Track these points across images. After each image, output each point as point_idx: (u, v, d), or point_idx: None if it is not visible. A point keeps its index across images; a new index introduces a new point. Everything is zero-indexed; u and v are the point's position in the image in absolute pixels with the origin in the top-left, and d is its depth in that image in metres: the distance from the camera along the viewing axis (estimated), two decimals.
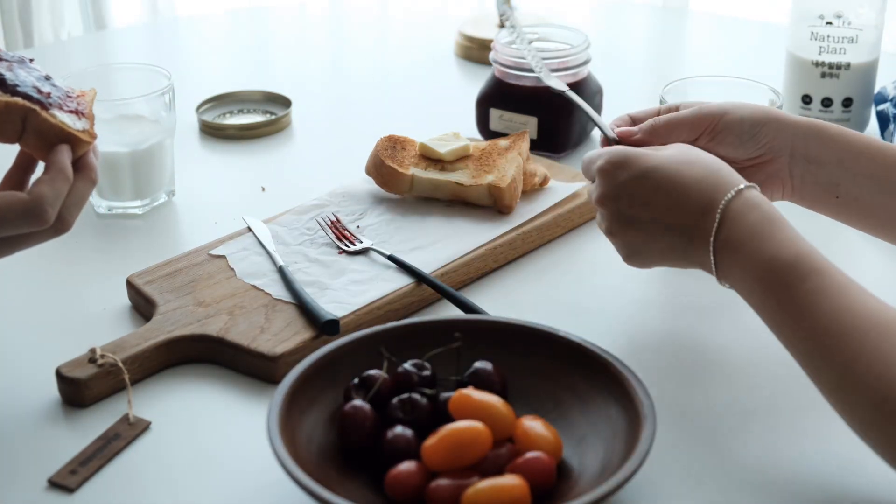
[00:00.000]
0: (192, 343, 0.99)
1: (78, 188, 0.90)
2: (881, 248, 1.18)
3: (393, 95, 1.56)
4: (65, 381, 0.93)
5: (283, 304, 1.03)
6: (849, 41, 1.34)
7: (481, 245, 1.12)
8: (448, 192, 1.18)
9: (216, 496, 0.86)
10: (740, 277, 0.89)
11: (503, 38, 1.35)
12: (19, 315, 1.07)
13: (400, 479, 0.80)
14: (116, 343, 0.97)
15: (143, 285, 1.06)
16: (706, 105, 1.02)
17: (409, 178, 1.18)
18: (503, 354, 0.90)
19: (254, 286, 1.05)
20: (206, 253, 1.11)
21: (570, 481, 0.82)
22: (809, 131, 1.00)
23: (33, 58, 0.95)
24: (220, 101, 1.47)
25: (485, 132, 1.37)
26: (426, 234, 1.14)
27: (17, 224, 0.86)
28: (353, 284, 1.05)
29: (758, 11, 2.25)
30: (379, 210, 1.18)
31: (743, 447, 0.89)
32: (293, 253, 1.11)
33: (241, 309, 1.02)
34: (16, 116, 0.88)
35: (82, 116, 0.92)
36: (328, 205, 1.19)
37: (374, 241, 1.12)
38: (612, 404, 0.86)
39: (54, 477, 0.86)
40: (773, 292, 0.86)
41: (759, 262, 0.87)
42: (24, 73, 0.92)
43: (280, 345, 0.97)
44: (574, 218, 1.20)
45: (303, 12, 1.92)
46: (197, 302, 1.03)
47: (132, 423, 0.91)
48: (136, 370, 0.96)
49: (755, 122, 1.00)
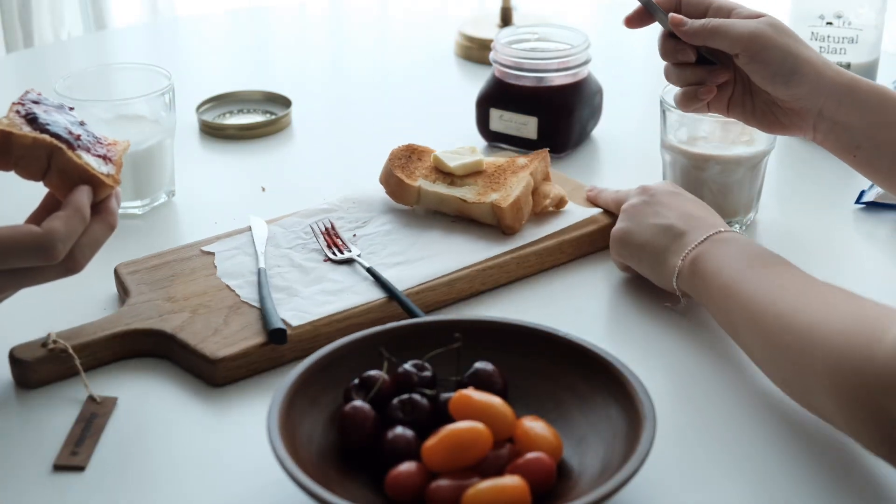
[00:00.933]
0: (145, 337, 1.00)
1: (94, 230, 0.90)
2: (881, 248, 1.18)
3: (393, 95, 1.56)
4: (14, 362, 0.96)
5: (248, 307, 1.02)
6: (849, 41, 1.34)
7: (469, 266, 1.08)
8: (453, 207, 1.15)
9: (216, 496, 0.86)
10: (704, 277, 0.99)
11: (503, 37, 1.35)
12: (14, 310, 1.06)
13: (400, 480, 0.80)
14: (74, 330, 0.99)
15: (126, 275, 1.07)
16: (756, 26, 1.01)
17: (416, 190, 1.16)
18: (503, 355, 0.90)
19: (227, 286, 1.05)
20: (198, 248, 1.11)
21: (570, 482, 0.82)
22: (843, 93, 1.01)
23: (73, 106, 0.97)
24: (220, 101, 1.47)
25: (485, 132, 1.37)
26: (418, 248, 1.11)
27: (26, 256, 0.86)
28: (323, 294, 1.04)
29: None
30: (382, 220, 1.16)
31: (743, 447, 0.89)
32: (280, 256, 1.10)
33: (206, 308, 1.02)
34: (42, 153, 0.89)
35: (109, 162, 0.93)
36: (336, 210, 1.17)
37: (365, 251, 1.10)
38: (612, 405, 0.86)
39: (59, 460, 0.88)
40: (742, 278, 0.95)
41: (726, 262, 0.97)
42: (60, 117, 0.93)
43: (225, 349, 0.97)
44: (582, 245, 1.14)
45: (303, 12, 1.92)
46: (167, 297, 1.04)
47: (99, 401, 0.94)
48: (90, 358, 0.97)
49: (794, 69, 1.00)
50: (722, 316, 0.97)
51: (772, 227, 1.19)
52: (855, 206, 1.23)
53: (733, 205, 1.17)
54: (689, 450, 0.89)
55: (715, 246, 0.99)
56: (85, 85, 1.23)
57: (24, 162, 0.89)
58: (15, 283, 0.89)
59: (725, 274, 0.96)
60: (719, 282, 0.96)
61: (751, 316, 0.92)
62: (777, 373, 0.91)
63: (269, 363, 0.98)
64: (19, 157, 0.89)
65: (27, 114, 0.91)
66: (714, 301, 0.97)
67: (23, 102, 0.93)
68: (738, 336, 0.95)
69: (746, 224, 1.19)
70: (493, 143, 1.37)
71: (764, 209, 1.21)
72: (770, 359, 0.91)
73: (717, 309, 0.97)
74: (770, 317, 0.89)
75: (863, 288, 1.10)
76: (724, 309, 0.96)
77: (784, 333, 0.87)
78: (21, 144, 0.89)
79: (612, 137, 1.40)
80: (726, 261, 0.97)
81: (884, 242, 1.18)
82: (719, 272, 0.97)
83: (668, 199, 1.07)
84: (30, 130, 0.90)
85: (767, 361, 0.92)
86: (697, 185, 1.16)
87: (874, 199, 1.22)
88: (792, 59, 1.01)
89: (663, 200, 1.07)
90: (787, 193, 1.28)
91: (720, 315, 0.97)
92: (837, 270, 1.13)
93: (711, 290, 0.97)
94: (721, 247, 0.99)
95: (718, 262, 0.98)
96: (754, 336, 0.92)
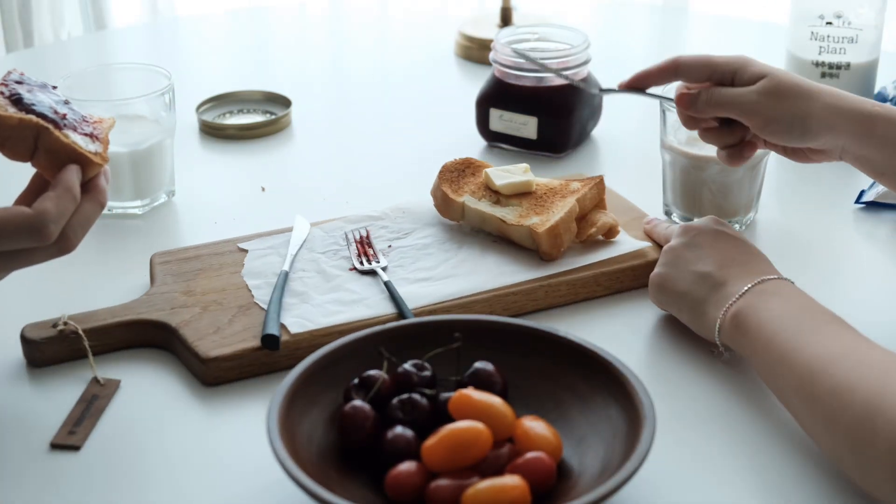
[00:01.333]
0: (153, 328, 1.00)
1: (85, 209, 0.89)
2: (881, 248, 1.18)
3: (393, 95, 1.56)
4: (24, 340, 0.98)
5: (258, 308, 1.02)
6: (849, 41, 1.34)
7: (490, 290, 1.04)
8: (494, 226, 1.11)
9: (216, 497, 0.86)
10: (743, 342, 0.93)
11: (503, 37, 1.35)
12: (15, 310, 1.07)
13: (400, 480, 0.80)
14: (88, 314, 1.00)
15: (158, 265, 1.08)
16: (757, 100, 1.01)
17: (460, 206, 1.12)
18: (503, 355, 0.90)
19: (247, 286, 1.05)
20: (235, 244, 1.11)
21: (570, 481, 0.82)
22: (860, 132, 0.99)
23: (56, 85, 0.96)
24: (220, 101, 1.47)
25: (485, 132, 1.37)
26: (450, 266, 1.08)
27: (18, 238, 0.85)
28: (334, 303, 1.02)
29: (758, 11, 2.25)
30: (424, 233, 1.13)
31: (743, 448, 0.89)
32: (310, 260, 1.09)
33: (217, 305, 1.02)
34: (28, 134, 0.89)
35: (96, 140, 0.92)
36: (383, 218, 1.15)
37: (393, 264, 1.08)
38: (612, 404, 0.86)
39: (56, 439, 0.90)
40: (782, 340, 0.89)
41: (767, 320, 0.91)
42: (44, 96, 0.92)
43: (219, 349, 0.97)
44: (623, 279, 1.08)
45: (303, 12, 1.92)
46: (185, 290, 1.04)
47: (103, 384, 0.96)
48: (98, 343, 0.99)
49: (804, 131, 1.00)
50: (769, 378, 0.90)
51: (772, 227, 1.19)
52: (855, 206, 1.23)
53: (733, 205, 1.17)
54: (689, 450, 0.89)
55: (758, 298, 0.93)
56: (85, 85, 1.23)
57: (10, 143, 0.89)
58: (7, 265, 0.89)
59: (770, 332, 0.90)
60: (764, 341, 0.90)
61: (802, 385, 0.85)
62: (832, 451, 0.84)
63: (263, 368, 0.97)
64: (6, 138, 0.88)
65: (11, 94, 0.90)
66: (760, 360, 0.91)
67: (6, 83, 0.91)
68: (789, 405, 0.88)
69: (746, 224, 1.19)
70: (493, 143, 1.37)
71: (764, 209, 1.22)
72: (823, 432, 0.84)
73: (764, 370, 0.91)
74: (825, 391, 0.83)
75: (863, 288, 1.10)
76: (771, 372, 0.90)
77: (843, 410, 0.81)
78: (7, 126, 0.88)
79: (612, 137, 1.40)
80: (770, 317, 0.91)
81: (884, 242, 1.18)
82: (763, 329, 0.91)
83: (710, 240, 1.01)
84: (15, 111, 0.89)
85: (821, 435, 0.84)
86: (697, 186, 1.16)
87: (874, 199, 1.22)
88: (799, 122, 1.00)
89: (704, 242, 1.01)
90: (787, 193, 1.28)
91: (767, 377, 0.91)
92: (837, 270, 1.13)
93: (756, 349, 0.91)
94: (764, 300, 0.93)
95: (761, 317, 0.91)
96: (807, 409, 0.85)
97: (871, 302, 1.07)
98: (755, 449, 0.89)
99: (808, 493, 0.84)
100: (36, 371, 0.98)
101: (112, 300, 1.05)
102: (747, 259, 0.98)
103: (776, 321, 0.90)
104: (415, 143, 1.40)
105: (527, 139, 1.34)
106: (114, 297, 1.05)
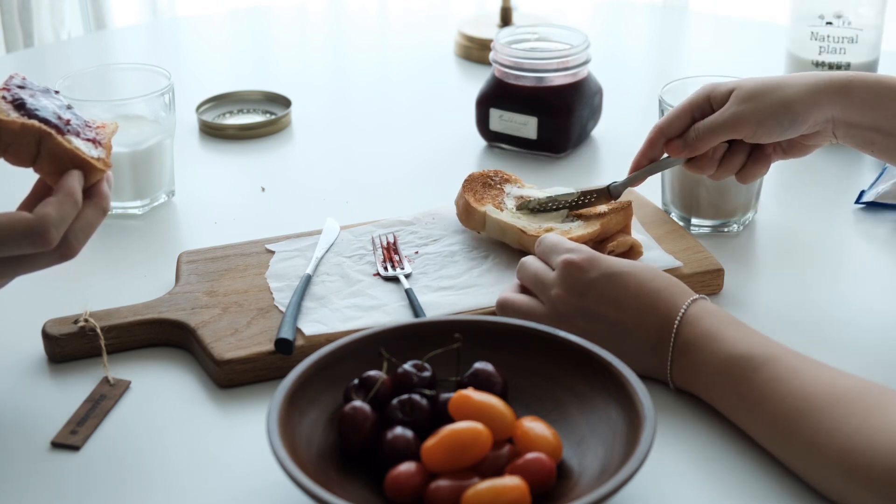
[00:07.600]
0: (172, 328, 1.00)
1: (87, 215, 0.89)
2: (881, 248, 1.18)
3: (393, 95, 1.56)
4: (45, 336, 0.99)
5: (277, 311, 1.02)
6: (849, 41, 1.34)
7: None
8: (513, 238, 1.09)
9: (216, 497, 0.86)
10: (696, 377, 0.92)
11: (503, 37, 1.35)
12: (16, 308, 1.07)
13: (400, 480, 0.80)
14: (110, 311, 1.01)
15: (184, 264, 1.08)
16: (734, 112, 1.04)
17: (481, 216, 1.11)
18: (503, 355, 0.90)
19: (269, 287, 1.05)
20: (263, 245, 1.11)
21: (569, 482, 0.82)
22: (839, 98, 1.02)
23: (59, 90, 0.96)
24: (220, 101, 1.47)
25: (485, 132, 1.37)
26: (473, 276, 1.07)
27: (20, 244, 0.85)
28: (353, 309, 1.02)
29: (758, 11, 2.25)
30: (452, 240, 1.12)
31: (743, 448, 0.89)
32: (335, 264, 1.09)
33: (238, 307, 1.02)
34: (31, 139, 0.88)
35: (99, 146, 0.92)
36: (413, 224, 1.15)
37: (417, 271, 1.08)
38: (611, 405, 0.86)
39: (57, 438, 0.90)
40: (731, 386, 0.89)
41: (715, 360, 0.90)
42: (47, 101, 0.92)
43: (234, 351, 0.97)
44: None
45: (303, 12, 1.92)
46: (208, 291, 1.04)
47: (112, 384, 0.96)
48: (117, 340, 0.99)
49: (793, 119, 1.03)
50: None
51: (771, 227, 1.19)
52: (855, 206, 1.23)
53: (732, 205, 1.17)
54: (690, 450, 0.89)
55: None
56: (85, 85, 1.23)
57: (13, 149, 0.89)
58: (9, 271, 0.89)
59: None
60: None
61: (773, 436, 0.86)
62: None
63: (277, 371, 0.97)
64: (8, 143, 0.88)
65: (14, 99, 0.90)
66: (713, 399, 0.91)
67: (8, 88, 0.91)
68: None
69: (745, 224, 1.19)
70: (493, 142, 1.37)
71: (763, 209, 1.22)
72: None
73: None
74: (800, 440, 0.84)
75: (863, 288, 1.10)
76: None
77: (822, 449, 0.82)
78: (9, 131, 0.88)
79: (612, 137, 1.40)
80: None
81: (883, 242, 1.18)
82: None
83: (605, 298, 0.95)
84: (17, 116, 0.89)
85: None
86: (696, 186, 1.16)
87: (874, 199, 1.23)
88: (784, 110, 1.03)
89: (604, 301, 0.95)
90: (787, 193, 1.28)
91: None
92: (837, 270, 1.13)
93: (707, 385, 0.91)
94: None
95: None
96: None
97: (870, 302, 1.07)
98: (755, 449, 0.88)
99: (808, 492, 0.84)
100: (55, 367, 0.98)
101: (112, 300, 1.04)
102: (648, 300, 0.94)
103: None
104: (414, 143, 1.40)
105: (527, 139, 1.34)
106: (114, 298, 1.05)
